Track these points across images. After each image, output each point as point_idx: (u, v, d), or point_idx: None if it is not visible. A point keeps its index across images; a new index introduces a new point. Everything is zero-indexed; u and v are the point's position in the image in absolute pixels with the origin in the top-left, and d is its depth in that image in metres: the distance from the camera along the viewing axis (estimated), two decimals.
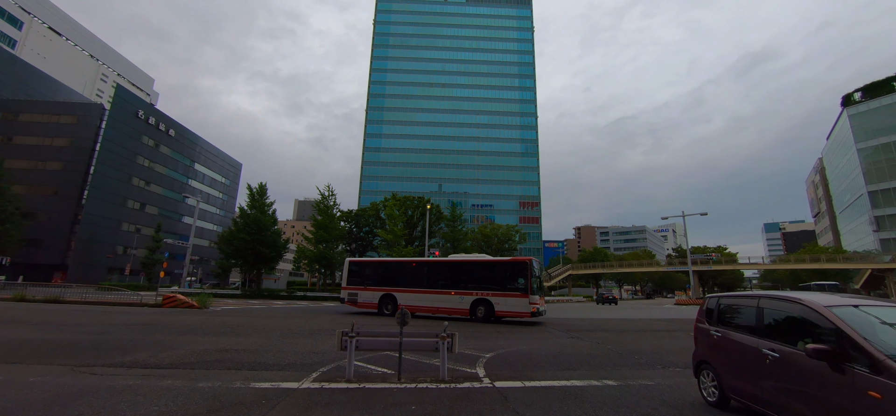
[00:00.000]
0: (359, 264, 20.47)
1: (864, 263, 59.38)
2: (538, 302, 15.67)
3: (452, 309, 16.74)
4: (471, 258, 18.21)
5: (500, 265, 16.97)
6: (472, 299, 16.42)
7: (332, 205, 42.98)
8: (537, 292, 15.87)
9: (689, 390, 6.24)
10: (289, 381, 6.23)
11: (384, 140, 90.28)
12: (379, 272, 19.52)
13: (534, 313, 15.32)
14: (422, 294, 17.69)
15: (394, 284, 18.62)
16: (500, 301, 15.83)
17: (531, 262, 15.92)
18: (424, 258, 23.78)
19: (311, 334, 11.67)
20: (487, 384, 6.29)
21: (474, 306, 16.33)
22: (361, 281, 19.44)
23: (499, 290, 16.09)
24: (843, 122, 74.17)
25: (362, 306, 19.00)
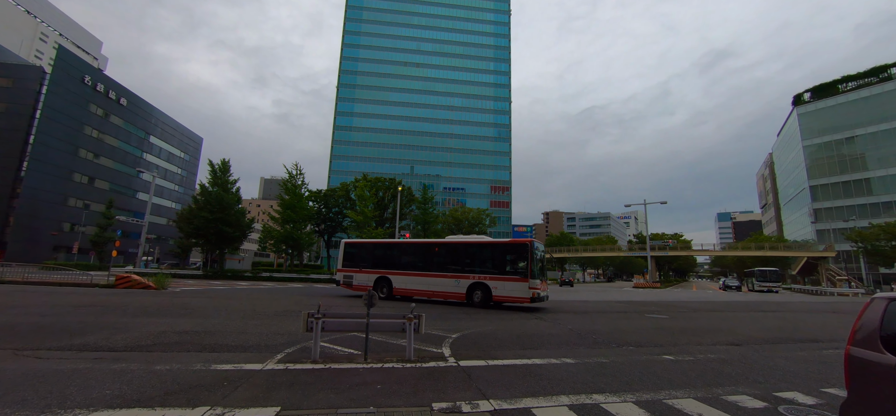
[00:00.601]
0: (354, 245, 19.89)
1: (801, 251, 64.67)
2: (539, 287, 14.64)
3: (448, 293, 15.89)
4: (468, 239, 17.26)
5: (498, 247, 15.96)
6: (468, 282, 15.46)
7: (300, 184, 41.83)
8: (538, 277, 14.79)
9: (637, 367, 6.70)
10: (252, 363, 6.16)
11: (356, 119, 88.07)
12: (374, 254, 18.81)
13: (534, 298, 14.23)
14: (417, 277, 16.88)
15: (389, 266, 17.86)
16: (498, 285, 14.85)
17: (532, 243, 14.72)
18: (421, 240, 22.99)
19: (277, 316, 11.50)
20: (452, 363, 6.49)
21: (471, 291, 15.39)
22: (356, 263, 18.77)
23: (497, 273, 15.10)
24: (793, 120, 79.46)
25: (357, 288, 18.30)
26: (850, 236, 53.08)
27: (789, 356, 8.05)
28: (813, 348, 9.21)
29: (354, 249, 19.54)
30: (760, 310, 19.30)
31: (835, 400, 5.17)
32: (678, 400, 4.97)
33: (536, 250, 14.89)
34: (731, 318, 15.15)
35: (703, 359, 7.50)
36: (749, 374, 6.44)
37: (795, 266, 68.20)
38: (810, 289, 51.13)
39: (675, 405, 4.80)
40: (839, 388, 5.75)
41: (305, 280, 33.42)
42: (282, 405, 4.38)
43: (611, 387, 5.47)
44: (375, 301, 6.49)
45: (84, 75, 56.85)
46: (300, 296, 19.04)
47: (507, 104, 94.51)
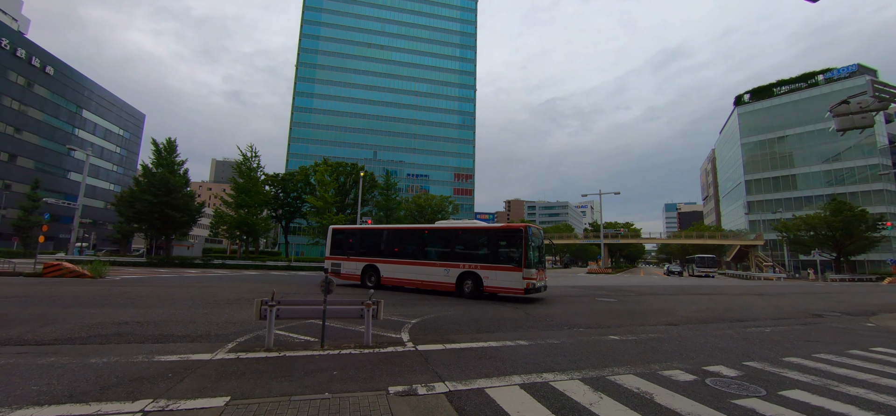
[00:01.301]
0: (342, 231, 19.02)
1: (735, 240, 70.76)
2: (534, 277, 13.39)
3: (437, 283, 14.88)
4: (458, 225, 16.16)
5: (489, 233, 14.77)
6: (458, 271, 14.44)
7: (255, 167, 39.95)
8: (534, 266, 13.60)
9: (585, 347, 7.13)
10: (200, 353, 5.92)
11: (316, 101, 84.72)
12: (362, 241, 17.92)
13: (528, 289, 13.11)
14: (405, 266, 15.92)
15: (377, 254, 17.00)
16: (490, 275, 13.78)
17: (527, 229, 13.52)
18: (411, 225, 21.82)
19: (229, 304, 11.04)
20: (410, 348, 6.57)
21: (461, 281, 14.37)
22: (345, 250, 17.95)
23: (489, 262, 13.99)
24: (734, 119, 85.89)
25: (345, 277, 17.51)
26: (776, 227, 58.72)
27: (718, 335, 8.87)
28: (738, 327, 10.20)
29: (342, 235, 18.67)
30: (697, 293, 21.01)
31: (754, 372, 5.79)
32: (619, 376, 5.36)
33: (532, 237, 13.74)
34: (672, 301, 16.39)
35: (644, 338, 8.10)
36: (682, 351, 7.05)
37: (730, 253, 74.53)
38: (741, 274, 56.24)
39: (617, 380, 5.18)
40: (757, 361, 6.43)
41: (261, 268, 32.18)
42: (232, 394, 4.26)
43: (560, 366, 5.79)
44: (332, 287, 6.41)
45: (0, 38, 50.45)
46: (255, 284, 18.35)
47: (472, 92, 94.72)
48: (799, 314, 13.05)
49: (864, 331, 10.03)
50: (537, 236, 14.53)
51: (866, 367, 6.32)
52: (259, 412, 3.82)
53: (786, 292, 24.30)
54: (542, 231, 15.30)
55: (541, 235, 15.04)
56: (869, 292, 26.18)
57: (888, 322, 11.59)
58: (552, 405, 4.24)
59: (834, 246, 50.29)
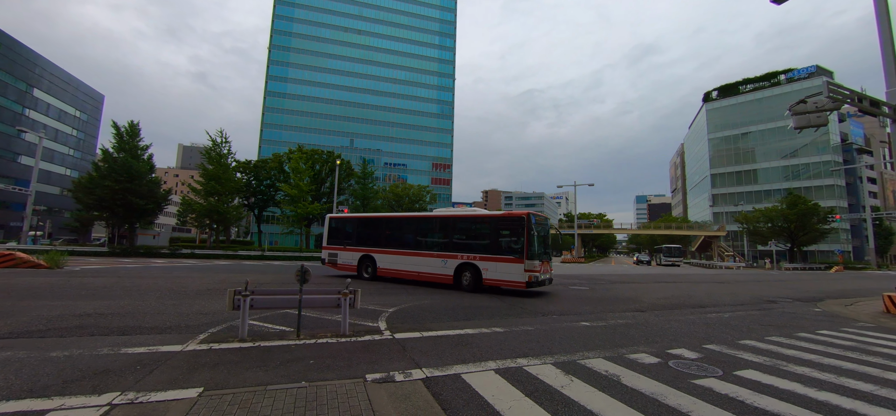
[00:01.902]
0: (339, 220, 18.27)
1: (700, 231, 74.13)
2: (537, 268, 12.45)
3: (434, 275, 14.14)
4: (455, 213, 15.30)
5: (488, 221, 13.85)
6: (456, 263, 13.65)
7: (226, 153, 38.55)
8: (538, 256, 12.57)
9: (558, 333, 7.38)
10: (170, 344, 5.76)
11: (290, 86, 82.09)
12: (358, 230, 17.20)
13: (530, 282, 12.17)
14: (402, 256, 15.19)
15: (374, 243, 16.25)
16: (489, 267, 12.94)
17: (529, 216, 12.50)
18: (406, 213, 20.77)
19: (199, 295, 10.73)
20: (387, 337, 6.62)
21: (459, 272, 13.60)
22: (341, 240, 17.32)
23: (489, 252, 13.13)
24: (702, 114, 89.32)
25: (342, 268, 16.99)
26: (738, 219, 61.89)
27: (681, 320, 9.36)
28: (700, 312, 10.79)
29: (340, 224, 17.98)
30: (663, 281, 21.99)
31: (713, 354, 6.17)
32: (589, 360, 5.60)
33: (535, 225, 12.68)
34: (640, 288, 17.10)
35: (613, 324, 8.45)
36: (649, 335, 7.41)
37: (695, 244, 78.10)
38: (704, 263, 59.11)
39: (587, 364, 5.41)
40: (716, 345, 6.86)
41: (233, 257, 31.30)
42: (205, 385, 4.19)
43: (534, 351, 5.98)
44: (309, 276, 6.35)
45: None
46: (227, 274, 17.87)
47: (451, 81, 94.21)
48: (755, 301, 13.92)
49: (811, 316, 10.81)
50: (542, 224, 13.46)
51: (812, 348, 6.85)
52: (234, 403, 3.78)
53: (744, 280, 25.78)
54: (548, 219, 14.35)
55: (546, 223, 13.98)
56: (818, 279, 28.13)
57: (833, 307, 12.54)
58: (526, 389, 4.40)
59: (789, 237, 53.57)
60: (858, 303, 13.56)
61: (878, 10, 11.70)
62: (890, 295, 11.29)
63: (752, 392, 4.50)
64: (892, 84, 11.51)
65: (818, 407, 4.12)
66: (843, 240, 67.06)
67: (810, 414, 3.92)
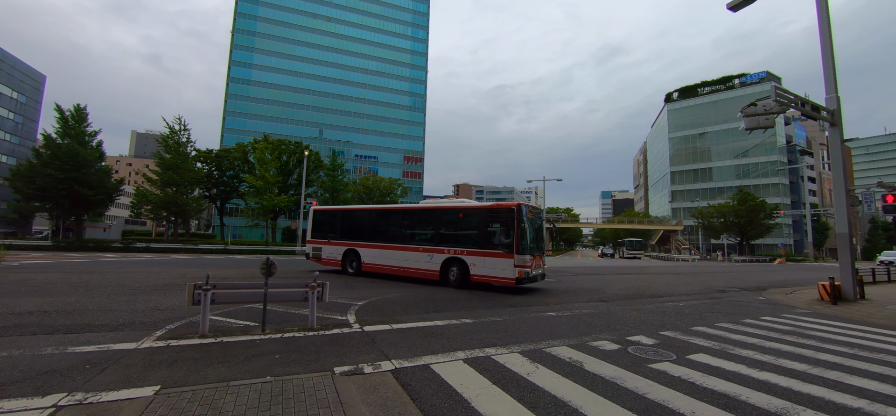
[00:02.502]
0: (323, 212, 17.54)
1: (660, 225, 77.98)
2: (527, 264, 11.75)
3: (420, 271, 13.47)
4: (442, 204, 14.49)
5: (476, 213, 13.00)
6: (443, 257, 12.95)
7: (184, 142, 36.59)
8: (529, 251, 11.89)
9: (525, 323, 7.58)
10: (123, 342, 5.45)
11: (255, 72, 78.60)
12: (343, 223, 16.49)
13: (520, 279, 11.44)
14: (387, 251, 14.49)
15: (359, 237, 15.51)
16: (477, 262, 12.21)
17: (519, 208, 11.74)
18: (392, 205, 19.37)
19: (156, 291, 10.20)
20: (357, 329, 6.56)
21: (446, 268, 12.93)
22: (325, 233, 16.66)
23: (476, 247, 12.39)
24: (664, 115, 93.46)
25: (326, 263, 16.34)
26: (694, 214, 65.56)
27: (641, 309, 9.85)
28: (658, 302, 11.38)
29: (324, 216, 17.29)
30: (625, 273, 23.00)
31: (668, 340, 6.54)
32: (555, 348, 5.80)
33: (525, 217, 11.94)
34: (603, 280, 17.82)
35: (578, 314, 8.77)
36: (610, 324, 7.75)
37: (655, 237, 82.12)
38: (663, 256, 62.31)
39: (552, 352, 5.60)
40: (671, 331, 7.27)
41: (193, 251, 29.85)
42: (162, 383, 4.01)
43: (502, 341, 6.12)
44: (275, 269, 6.18)
45: None
46: (186, 268, 17.05)
47: (423, 73, 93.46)
48: (707, 290, 14.84)
49: (756, 303, 11.67)
50: (534, 216, 12.72)
51: (756, 333, 7.41)
52: (193, 400, 3.64)
53: (698, 271, 27.39)
54: (542, 211, 13.69)
55: (539, 215, 13.26)
56: (763, 270, 30.34)
57: (775, 296, 13.58)
58: (493, 377, 4.50)
59: (739, 231, 57.38)
60: (797, 291, 14.75)
61: (820, 22, 12.65)
62: (823, 284, 12.35)
63: (702, 375, 4.82)
64: (830, 91, 12.51)
65: (759, 387, 4.48)
66: (786, 234, 72.52)
67: (752, 393, 4.25)
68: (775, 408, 3.86)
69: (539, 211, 13.31)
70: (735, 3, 12.81)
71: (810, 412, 3.79)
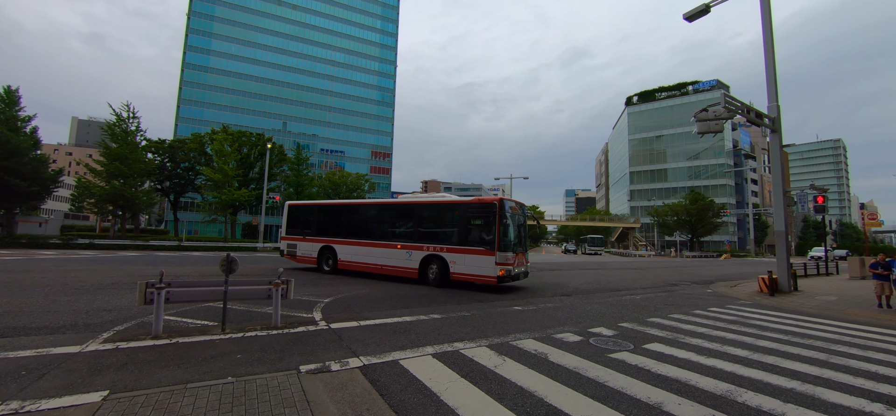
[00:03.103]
0: (299, 207, 16.89)
1: (619, 223, 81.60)
2: (510, 261, 11.26)
3: (398, 268, 13.00)
4: (422, 199, 13.94)
5: (457, 209, 12.48)
6: (422, 255, 12.48)
7: (134, 130, 34.17)
8: (511, 248, 11.49)
9: (492, 317, 7.73)
10: (65, 346, 5.05)
11: (213, 59, 74.32)
12: (319, 218, 15.89)
13: (502, 277, 11.02)
14: (363, 247, 13.96)
15: (335, 233, 14.95)
16: (457, 259, 11.74)
17: (501, 203, 11.33)
18: (369, 200, 18.20)
19: (102, 290, 9.50)
20: (323, 327, 6.43)
21: (425, 265, 12.45)
22: (301, 229, 16.03)
23: (457, 243, 11.94)
24: (624, 117, 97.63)
25: (302, 260, 15.71)
26: (650, 213, 69.15)
27: (601, 302, 10.30)
28: (616, 295, 11.95)
29: (299, 212, 16.67)
30: (587, 268, 23.93)
31: (626, 331, 6.89)
32: (521, 341, 5.95)
33: (507, 213, 11.53)
34: (566, 275, 18.45)
35: (542, 308, 9.05)
36: (573, 317, 8.06)
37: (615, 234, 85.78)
38: (621, 252, 65.33)
39: (518, 344, 5.75)
40: (628, 323, 7.66)
41: (143, 248, 27.99)
42: (111, 388, 3.75)
43: (470, 335, 6.21)
44: (236, 266, 5.92)
45: None
46: (136, 266, 16.00)
47: (392, 68, 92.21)
48: (661, 284, 15.74)
49: (704, 296, 12.51)
50: (516, 212, 12.29)
51: (704, 322, 7.95)
52: (147, 404, 3.44)
53: (653, 266, 28.97)
54: (525, 207, 13.23)
55: (522, 211, 12.85)
56: (711, 265, 32.52)
57: (721, 288, 14.62)
58: (462, 371, 4.56)
59: (690, 229, 61.14)
60: (740, 284, 15.96)
61: (765, 37, 13.68)
62: (763, 278, 13.44)
63: (657, 362, 5.12)
64: (772, 100, 13.58)
65: (707, 372, 4.82)
66: (731, 232, 78.05)
67: (701, 378, 4.57)
68: (721, 391, 4.18)
69: (522, 206, 12.94)
70: (691, 15, 13.59)
71: (750, 394, 4.13)
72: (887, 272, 10.54)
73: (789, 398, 4.06)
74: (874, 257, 11.96)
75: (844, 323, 8.51)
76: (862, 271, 19.17)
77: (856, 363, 5.45)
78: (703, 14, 13.52)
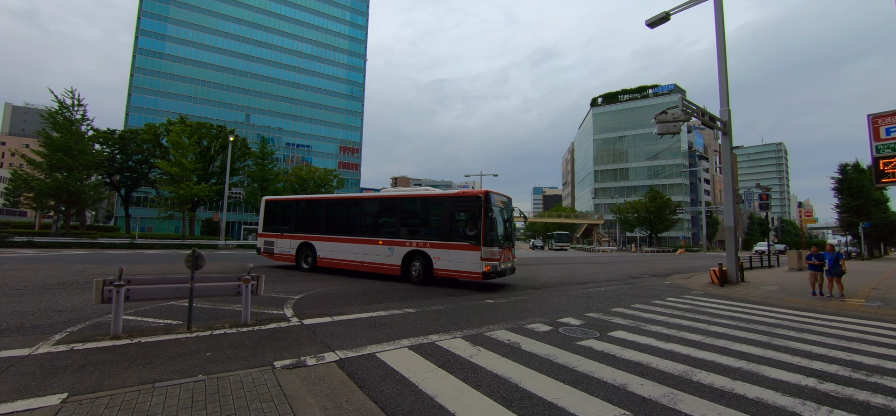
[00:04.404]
0: (276, 203, 16.25)
1: (584, 219, 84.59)
2: (496, 257, 10.94)
3: (380, 265, 12.55)
4: (403, 193, 13.33)
5: (440, 202, 12.12)
6: (404, 251, 12.05)
7: (79, 119, 31.68)
8: (497, 243, 11.13)
9: (466, 310, 7.88)
10: (12, 348, 4.70)
11: (169, 45, 69.86)
12: (297, 214, 15.37)
13: (488, 273, 10.61)
14: (343, 243, 13.56)
15: (314, 229, 14.55)
16: (441, 255, 11.37)
17: (487, 196, 10.91)
18: (348, 194, 17.62)
19: (49, 290, 8.84)
20: (295, 323, 6.32)
21: (407, 262, 12.03)
22: (279, 225, 15.50)
23: (440, 239, 11.55)
24: (589, 118, 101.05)
25: (279, 258, 15.18)
26: (613, 210, 72.15)
27: (569, 294, 10.72)
28: (582, 288, 12.46)
29: (276, 207, 16.13)
30: (554, 263, 24.72)
31: (592, 320, 7.23)
32: (494, 332, 6.13)
33: (493, 206, 11.18)
34: (535, 270, 18.99)
35: (513, 300, 9.31)
36: (542, 308, 8.35)
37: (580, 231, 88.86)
38: (586, 247, 67.85)
39: (492, 335, 5.92)
40: (595, 312, 8.04)
41: (91, 246, 26.11)
42: (69, 390, 3.55)
43: (444, 328, 6.31)
44: (203, 262, 5.71)
45: None
46: (85, 265, 14.94)
47: (362, 61, 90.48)
48: (624, 277, 16.54)
49: (662, 287, 13.30)
50: (503, 206, 11.95)
51: (662, 311, 8.48)
52: (112, 405, 3.29)
53: (616, 261, 30.33)
54: (510, 200, 12.76)
55: (508, 205, 12.46)
56: (668, 259, 34.47)
57: (677, 280, 15.58)
58: (438, 361, 4.66)
59: (649, 226, 64.39)
60: (694, 276, 17.06)
61: (718, 47, 14.62)
62: (714, 270, 14.44)
63: (621, 348, 5.44)
64: (723, 104, 14.55)
65: (666, 355, 5.18)
66: (686, 228, 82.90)
67: (661, 360, 4.91)
68: (678, 372, 4.52)
69: (508, 200, 12.53)
70: (653, 21, 14.31)
71: (704, 373, 4.49)
72: (820, 263, 11.63)
73: (737, 376, 4.45)
74: (809, 250, 13.17)
75: (784, 309, 9.33)
76: (799, 264, 20.98)
77: (793, 343, 6.03)
78: (664, 21, 14.27)
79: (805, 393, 4.03)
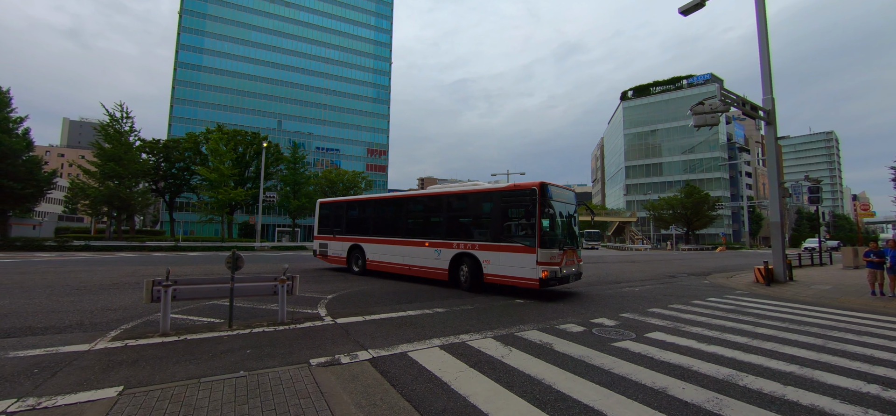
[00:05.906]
0: (329, 204, 16.27)
1: (616, 217, 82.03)
2: (555, 260, 9.17)
3: (427, 269, 11.52)
4: (449, 190, 12.21)
5: (488, 198, 10.70)
6: (451, 253, 10.88)
7: (127, 130, 33.91)
8: (556, 244, 9.26)
9: (496, 310, 7.81)
10: (74, 344, 5.08)
11: (207, 58, 73.64)
12: (347, 215, 15.10)
13: (545, 279, 8.89)
14: (390, 246, 12.82)
15: (364, 231, 14.01)
16: (491, 258, 9.93)
17: (542, 188, 9.15)
18: (396, 193, 16.62)
19: (105, 290, 9.50)
20: (329, 322, 6.49)
21: (455, 265, 10.85)
22: (331, 228, 15.43)
23: (491, 239, 10.08)
24: (619, 112, 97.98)
25: (332, 260, 15.12)
26: (646, 207, 69.58)
27: (602, 294, 10.42)
28: (616, 287, 12.08)
29: (329, 209, 16.06)
30: (585, 262, 24.06)
31: (628, 321, 7.00)
32: (525, 332, 6.04)
33: (551, 200, 9.36)
34: None
35: (544, 300, 9.14)
36: (575, 308, 8.16)
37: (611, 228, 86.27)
38: (618, 246, 65.71)
39: (523, 335, 5.84)
40: (630, 313, 7.77)
41: (140, 249, 27.87)
42: (125, 384, 3.80)
43: (474, 327, 6.29)
44: (242, 263, 5.96)
45: None
46: (134, 267, 15.95)
47: (387, 64, 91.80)
48: (659, 276, 15.91)
49: (702, 287, 12.68)
50: (561, 199, 9.93)
51: (703, 312, 8.09)
52: (163, 398, 3.49)
53: (650, 259, 29.21)
54: (573, 193, 11.01)
55: (570, 199, 10.61)
56: (707, 258, 32.86)
57: (718, 279, 14.81)
58: (469, 361, 4.64)
59: (685, 222, 61.59)
60: (736, 275, 16.17)
61: (759, 31, 13.80)
62: (759, 268, 13.62)
63: (659, 350, 5.23)
64: (766, 92, 13.72)
65: (708, 357, 4.93)
66: (726, 224, 78.75)
67: (703, 364, 4.68)
68: (723, 376, 4.29)
69: (570, 194, 10.68)
70: (687, 8, 13.69)
71: (751, 378, 4.24)
72: (881, 260, 10.73)
73: (789, 381, 4.17)
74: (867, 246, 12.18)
75: (840, 310, 8.68)
76: (855, 261, 19.47)
77: (852, 347, 5.59)
78: (700, 7, 13.61)
79: (867, 401, 3.72)
